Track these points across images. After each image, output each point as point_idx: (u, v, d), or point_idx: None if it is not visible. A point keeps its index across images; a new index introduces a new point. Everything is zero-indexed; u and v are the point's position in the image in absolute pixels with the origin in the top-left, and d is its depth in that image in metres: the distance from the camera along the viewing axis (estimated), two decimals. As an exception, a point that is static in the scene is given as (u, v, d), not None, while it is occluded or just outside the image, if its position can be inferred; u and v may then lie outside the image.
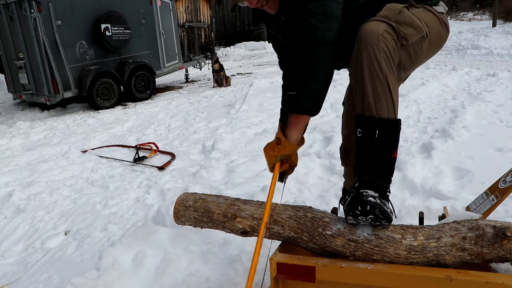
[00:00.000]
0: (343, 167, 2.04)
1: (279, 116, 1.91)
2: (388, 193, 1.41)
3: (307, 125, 1.62)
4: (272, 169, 1.58)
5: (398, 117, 1.43)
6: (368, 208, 1.30)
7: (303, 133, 1.58)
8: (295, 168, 1.68)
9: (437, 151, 3.55)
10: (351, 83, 1.83)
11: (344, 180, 2.07)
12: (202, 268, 1.96)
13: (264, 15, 1.68)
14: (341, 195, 2.13)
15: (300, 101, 1.43)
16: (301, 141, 1.59)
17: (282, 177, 1.67)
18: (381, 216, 1.31)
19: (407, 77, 1.73)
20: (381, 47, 1.34)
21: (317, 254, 1.44)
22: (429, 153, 3.55)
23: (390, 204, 1.39)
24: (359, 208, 1.31)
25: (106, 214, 3.31)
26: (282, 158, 1.55)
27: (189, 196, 1.75)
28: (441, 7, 1.56)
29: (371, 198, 1.31)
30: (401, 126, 1.46)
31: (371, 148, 1.40)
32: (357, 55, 1.38)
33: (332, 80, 1.47)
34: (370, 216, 1.31)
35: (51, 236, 3.04)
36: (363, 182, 1.40)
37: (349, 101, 1.86)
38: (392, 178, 1.45)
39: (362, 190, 1.35)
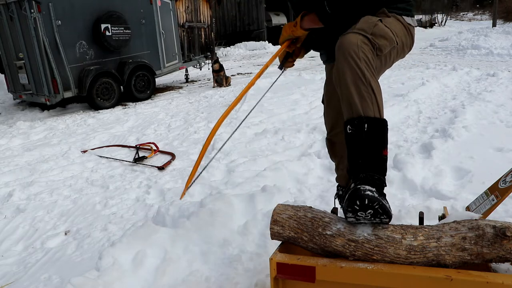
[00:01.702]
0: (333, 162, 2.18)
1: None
2: (384, 186, 1.43)
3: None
4: (281, 44, 1.96)
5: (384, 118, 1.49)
6: (366, 202, 1.30)
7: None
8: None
9: (437, 151, 3.56)
10: (331, 85, 1.97)
11: (336, 175, 2.19)
12: (202, 268, 1.96)
13: None
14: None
15: (320, 10, 1.69)
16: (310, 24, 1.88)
17: (282, 66, 2.04)
18: (381, 211, 1.31)
19: None
20: (361, 56, 1.45)
21: (317, 254, 1.44)
22: (429, 153, 3.55)
23: (387, 202, 1.39)
24: (358, 202, 1.31)
25: (106, 214, 3.31)
26: (293, 39, 1.93)
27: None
28: (410, 20, 1.70)
29: (368, 192, 1.32)
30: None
31: (362, 144, 1.44)
32: (339, 66, 1.48)
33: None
34: (370, 210, 1.31)
35: (51, 236, 3.04)
36: (358, 179, 1.40)
37: (327, 96, 2.06)
38: (385, 177, 1.46)
39: (359, 186, 1.36)
